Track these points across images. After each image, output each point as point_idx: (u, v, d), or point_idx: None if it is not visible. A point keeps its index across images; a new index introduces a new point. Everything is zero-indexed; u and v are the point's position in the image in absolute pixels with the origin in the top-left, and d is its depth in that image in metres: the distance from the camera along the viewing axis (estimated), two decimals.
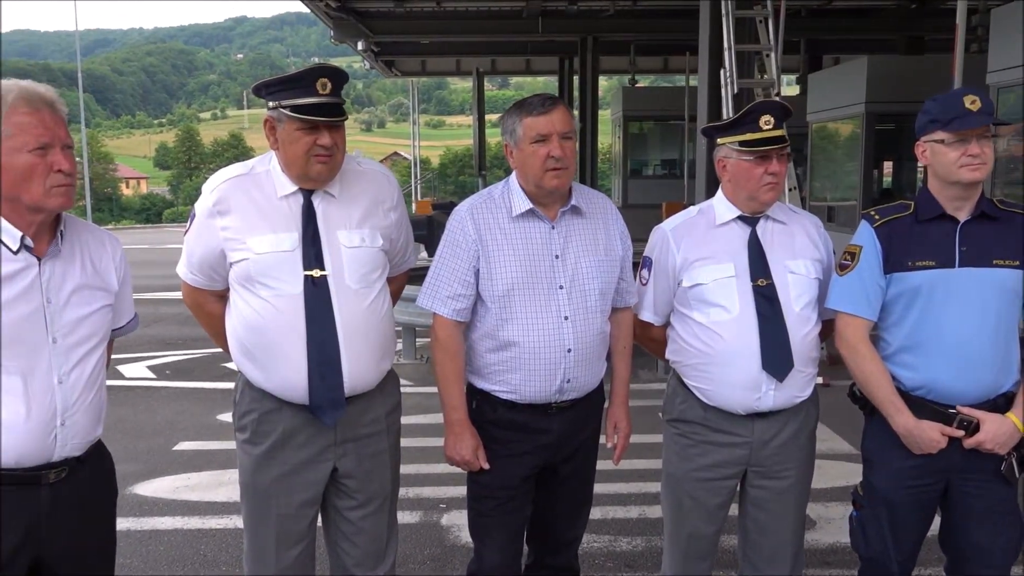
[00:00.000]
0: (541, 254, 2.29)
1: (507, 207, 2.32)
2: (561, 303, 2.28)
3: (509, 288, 2.26)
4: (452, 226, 2.34)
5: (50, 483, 1.83)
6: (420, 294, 2.35)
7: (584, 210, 2.35)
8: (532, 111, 2.23)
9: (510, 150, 2.31)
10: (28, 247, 1.79)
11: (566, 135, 2.24)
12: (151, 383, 6.80)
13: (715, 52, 6.92)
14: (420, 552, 3.61)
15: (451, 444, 2.33)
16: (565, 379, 2.30)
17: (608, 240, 2.38)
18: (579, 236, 2.33)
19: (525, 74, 22.68)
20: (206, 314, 2.28)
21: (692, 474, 2.42)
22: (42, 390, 1.79)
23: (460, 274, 2.29)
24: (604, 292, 2.35)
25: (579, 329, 2.29)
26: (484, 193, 2.38)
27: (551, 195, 2.29)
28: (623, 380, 2.52)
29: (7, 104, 1.71)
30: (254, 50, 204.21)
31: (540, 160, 2.22)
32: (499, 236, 2.29)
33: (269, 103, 2.09)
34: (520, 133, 2.25)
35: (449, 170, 54.31)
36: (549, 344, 2.27)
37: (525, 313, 2.27)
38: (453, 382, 2.32)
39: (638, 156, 18.13)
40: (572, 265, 2.30)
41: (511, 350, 2.28)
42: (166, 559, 3.58)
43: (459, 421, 2.32)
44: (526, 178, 2.29)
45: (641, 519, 3.92)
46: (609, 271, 2.36)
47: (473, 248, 2.28)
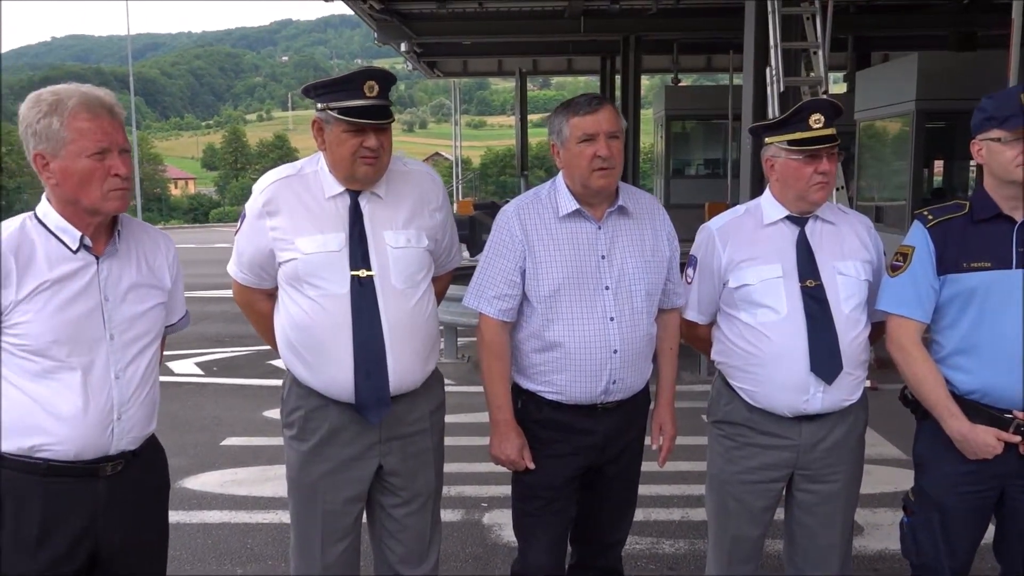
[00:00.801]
0: (587, 254, 2.29)
1: (554, 207, 2.32)
2: (607, 304, 2.28)
3: (555, 289, 2.27)
4: (499, 226, 2.35)
5: (107, 476, 1.88)
6: (466, 294, 2.36)
7: (631, 210, 2.35)
8: (579, 111, 2.23)
9: (556, 150, 2.31)
10: (87, 246, 1.85)
11: (613, 134, 2.23)
12: (199, 379, 6.94)
13: (761, 50, 6.84)
14: (462, 551, 3.63)
15: (496, 444, 2.34)
16: (611, 380, 2.29)
17: (655, 241, 2.37)
18: (625, 236, 2.33)
19: (567, 74, 22.66)
20: (255, 312, 2.32)
21: (737, 476, 2.39)
22: (100, 385, 1.84)
23: (506, 274, 2.30)
24: (650, 293, 2.34)
25: (625, 330, 2.29)
26: (531, 193, 2.39)
27: (598, 195, 2.29)
28: (669, 382, 2.50)
29: (68, 109, 1.76)
30: (298, 52, 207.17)
31: (587, 160, 2.22)
32: (545, 236, 2.29)
33: (317, 105, 2.12)
34: (567, 133, 2.25)
35: (490, 170, 54.40)
36: (595, 345, 2.27)
37: (571, 314, 2.27)
38: (499, 382, 2.33)
39: (681, 156, 17.97)
40: (618, 266, 2.30)
41: (557, 350, 2.29)
42: (214, 552, 3.65)
43: (505, 421, 2.32)
44: (573, 178, 2.29)
45: (684, 521, 3.89)
46: (656, 272, 2.35)
47: (520, 248, 2.29)
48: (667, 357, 2.49)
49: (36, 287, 1.78)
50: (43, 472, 1.81)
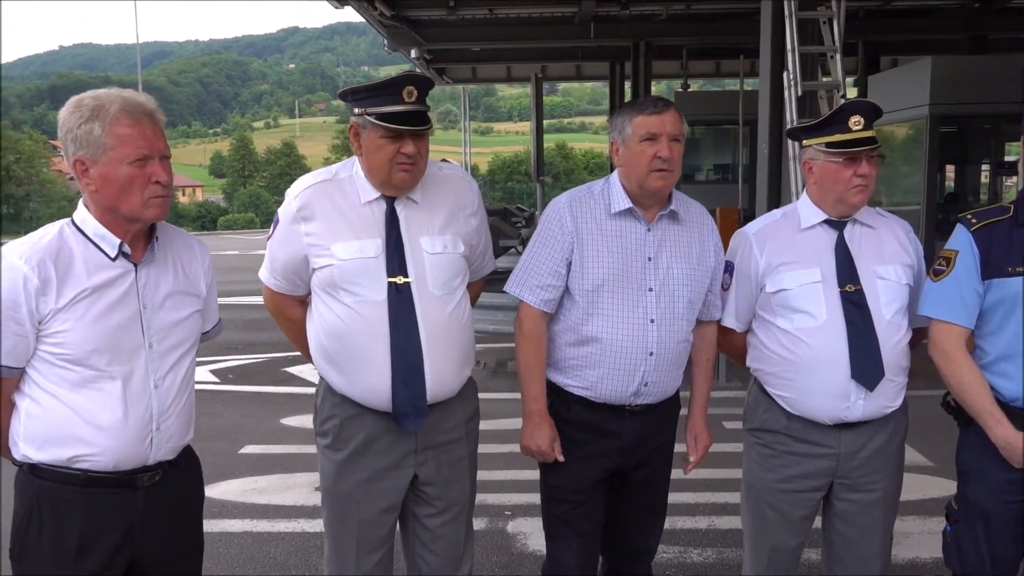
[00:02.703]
0: (634, 254, 2.27)
1: (606, 204, 2.31)
2: (649, 305, 2.26)
3: (599, 283, 2.25)
4: (549, 217, 2.33)
5: (144, 486, 1.86)
6: (509, 281, 2.35)
7: (682, 216, 2.34)
8: (645, 110, 2.23)
9: (616, 148, 2.30)
10: (125, 253, 1.83)
11: (675, 137, 2.22)
12: (215, 387, 6.92)
13: (777, 54, 6.80)
14: (488, 559, 3.59)
15: (528, 434, 2.32)
16: (643, 382, 2.27)
17: (702, 250, 2.35)
18: (673, 241, 2.31)
19: (575, 80, 22.65)
20: (287, 319, 2.30)
21: (774, 485, 2.36)
22: (139, 395, 1.82)
23: (552, 265, 2.29)
24: (692, 301, 2.33)
25: (664, 333, 2.27)
26: (584, 188, 2.38)
27: (652, 196, 2.27)
28: (703, 393, 2.49)
29: (110, 115, 1.74)
30: (305, 60, 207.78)
31: (647, 159, 2.21)
32: (595, 231, 2.28)
33: (355, 110, 2.10)
34: (629, 131, 2.24)
35: (498, 176, 54.44)
36: (632, 344, 2.25)
37: (612, 310, 2.25)
38: (535, 372, 2.31)
39: (690, 161, 17.91)
40: (664, 269, 2.28)
41: (592, 346, 2.27)
42: (238, 561, 3.63)
43: (538, 412, 2.31)
44: (629, 177, 2.27)
45: (711, 530, 3.85)
46: (699, 280, 2.33)
47: (569, 240, 2.28)
48: (702, 368, 2.48)
49: (76, 295, 1.76)
50: (82, 483, 1.79)
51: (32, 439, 1.80)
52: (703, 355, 2.46)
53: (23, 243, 1.78)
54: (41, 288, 1.73)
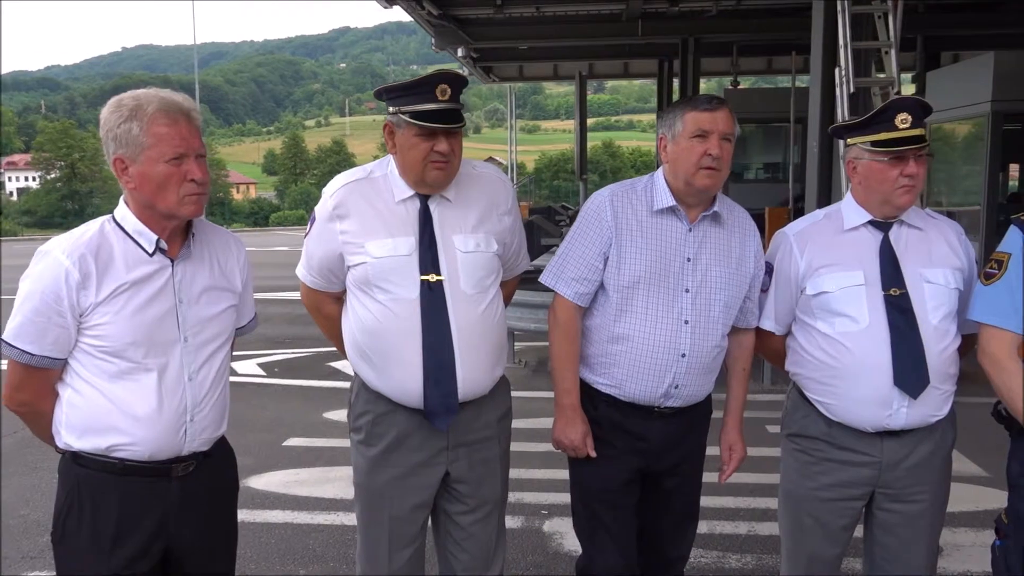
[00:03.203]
0: (673, 253, 2.24)
1: (648, 200, 2.27)
2: (684, 306, 2.23)
3: (635, 280, 2.22)
4: (590, 210, 2.31)
5: (179, 476, 1.90)
6: (545, 272, 2.33)
7: (725, 219, 2.29)
8: (698, 106, 2.19)
9: (664, 144, 2.26)
10: (163, 249, 1.87)
11: (727, 136, 2.18)
12: (262, 380, 7.05)
13: (829, 50, 6.64)
14: (523, 558, 3.59)
15: (560, 428, 2.30)
16: (673, 384, 2.23)
17: (742, 254, 2.30)
18: (714, 243, 2.27)
19: (623, 77, 22.45)
20: (323, 316, 2.32)
21: (813, 493, 2.30)
22: (174, 387, 1.86)
23: (589, 258, 2.26)
24: (728, 305, 2.28)
25: (697, 336, 2.23)
26: (627, 183, 2.35)
27: (699, 195, 2.23)
28: (739, 401, 2.44)
29: (148, 115, 1.78)
30: (356, 59, 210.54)
31: (696, 156, 2.17)
32: (635, 227, 2.25)
33: (389, 108, 2.11)
34: (680, 127, 2.20)
35: (544, 174, 54.43)
36: (664, 345, 2.22)
37: (645, 309, 2.22)
38: (568, 365, 2.29)
39: (739, 160, 17.64)
40: (702, 271, 2.24)
41: (623, 343, 2.24)
42: (277, 552, 3.69)
43: (571, 405, 2.28)
44: (676, 174, 2.23)
45: (751, 536, 3.78)
46: (738, 285, 2.29)
47: (608, 234, 2.25)
48: (738, 377, 2.43)
49: (115, 289, 1.80)
50: (119, 471, 1.84)
51: (73, 428, 1.85)
52: (739, 363, 2.41)
53: (66, 239, 1.83)
54: (82, 282, 1.78)
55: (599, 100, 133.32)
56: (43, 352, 1.80)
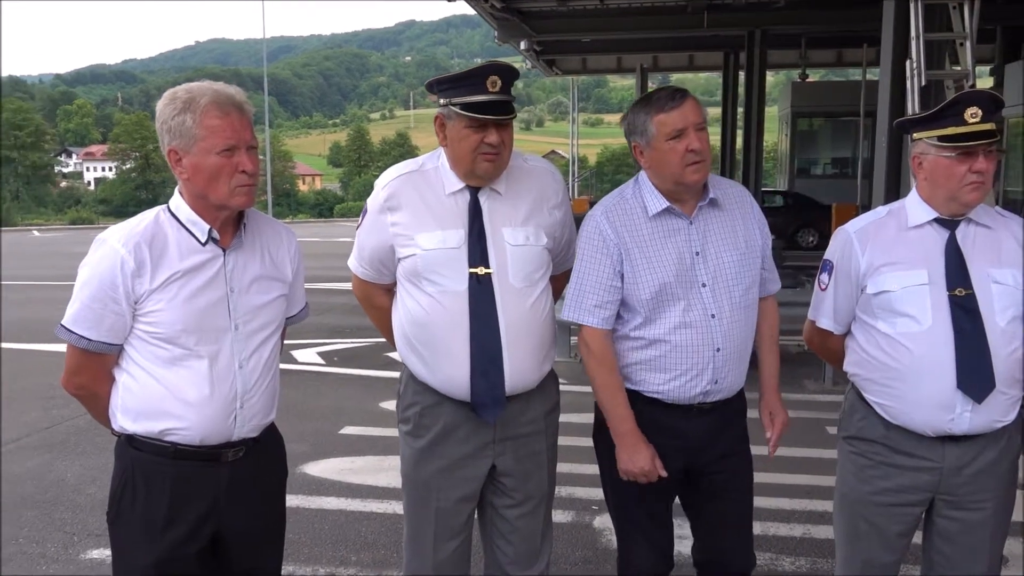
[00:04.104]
0: (682, 252, 2.19)
1: (642, 207, 2.22)
2: (706, 301, 2.18)
3: (657, 290, 2.17)
4: (589, 232, 2.23)
5: (229, 461, 1.94)
6: (564, 307, 2.26)
7: (722, 202, 2.24)
8: (663, 106, 2.13)
9: (640, 150, 2.20)
10: (215, 239, 1.91)
11: (700, 126, 2.13)
12: (320, 368, 7.19)
13: (900, 41, 6.40)
14: (572, 553, 3.58)
15: (627, 458, 2.21)
16: (713, 379, 2.19)
17: (747, 231, 2.25)
18: (718, 230, 2.22)
19: (687, 70, 22.12)
20: (374, 307, 2.34)
21: (870, 497, 2.23)
22: (224, 374, 1.90)
23: (605, 280, 2.20)
24: (749, 287, 2.23)
25: (726, 327, 2.18)
26: (615, 194, 2.29)
27: (690, 190, 2.19)
28: (772, 368, 2.37)
29: (200, 107, 1.81)
30: (421, 52, 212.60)
31: (679, 156, 2.12)
32: (639, 238, 2.20)
33: (440, 100, 2.11)
34: (653, 131, 2.14)
35: (606, 168, 54.07)
36: (697, 344, 2.18)
37: (672, 313, 2.18)
38: (615, 393, 2.23)
39: (807, 155, 17.28)
40: (714, 262, 2.20)
41: (657, 348, 2.20)
42: (330, 538, 3.75)
43: (630, 432, 2.21)
44: (662, 177, 2.18)
45: (806, 538, 3.69)
46: (751, 264, 2.24)
47: (615, 251, 2.19)
48: (767, 344, 2.36)
49: (168, 277, 1.85)
50: (171, 455, 1.89)
51: (128, 411, 1.91)
52: (766, 334, 2.35)
53: (122, 228, 1.89)
54: (136, 270, 1.83)
55: None
56: (100, 338, 1.86)
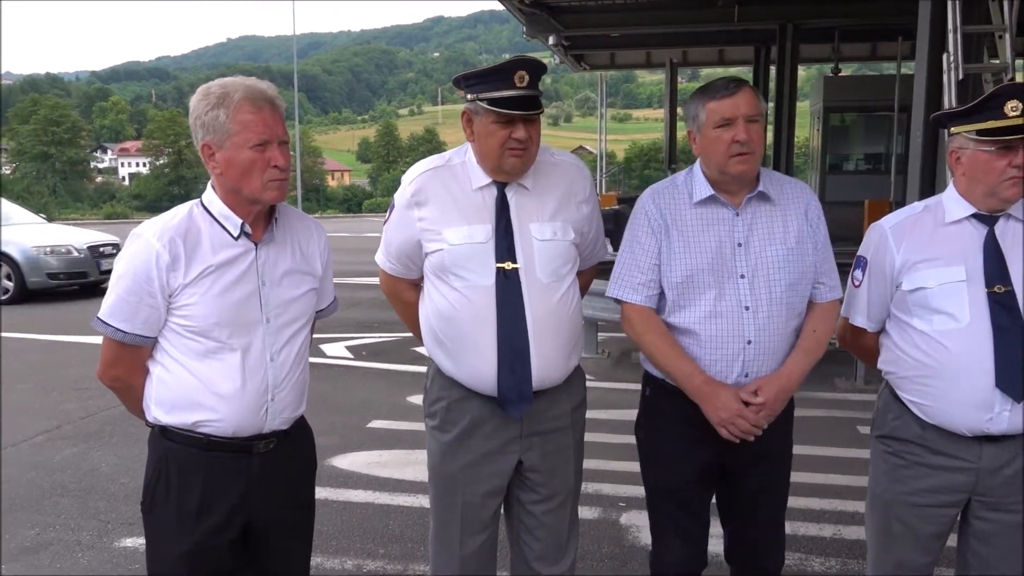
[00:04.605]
0: (722, 241, 2.17)
1: (689, 193, 2.23)
2: (742, 292, 2.15)
3: (687, 276, 2.17)
4: (636, 212, 2.28)
5: (260, 453, 1.96)
6: (610, 285, 2.28)
7: (773, 197, 2.21)
8: (716, 94, 2.13)
9: (693, 137, 2.21)
10: (247, 233, 1.92)
11: (752, 118, 2.11)
12: (349, 362, 7.23)
13: (937, 34, 6.28)
14: (598, 550, 3.57)
15: (713, 409, 2.12)
16: (743, 372, 2.16)
17: (801, 229, 2.20)
18: (765, 224, 2.19)
19: (717, 65, 21.87)
20: (401, 302, 2.35)
21: (904, 498, 2.19)
22: (256, 366, 1.92)
23: (650, 259, 2.22)
24: (793, 284, 2.18)
25: (761, 320, 2.15)
26: (667, 180, 2.31)
27: (736, 181, 2.17)
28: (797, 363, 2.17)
29: (234, 103, 1.83)
30: (449, 48, 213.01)
31: (724, 145, 2.11)
32: (680, 222, 2.20)
33: (467, 95, 2.11)
34: (703, 118, 2.15)
35: (634, 164, 53.85)
36: (727, 335, 2.15)
37: (702, 302, 2.16)
38: (673, 353, 2.18)
39: (839, 150, 17.01)
40: (755, 254, 2.17)
41: (686, 337, 2.19)
42: (358, 531, 3.78)
43: (703, 383, 2.15)
44: (709, 165, 2.18)
45: (836, 539, 3.65)
46: (799, 261, 2.19)
47: (660, 231, 2.21)
48: (802, 342, 2.20)
49: (202, 271, 1.87)
50: (204, 446, 1.91)
51: (162, 403, 1.93)
52: (807, 331, 2.22)
53: (157, 222, 1.91)
54: (171, 264, 1.85)
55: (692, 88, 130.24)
56: (135, 330, 1.89)
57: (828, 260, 2.25)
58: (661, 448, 2.30)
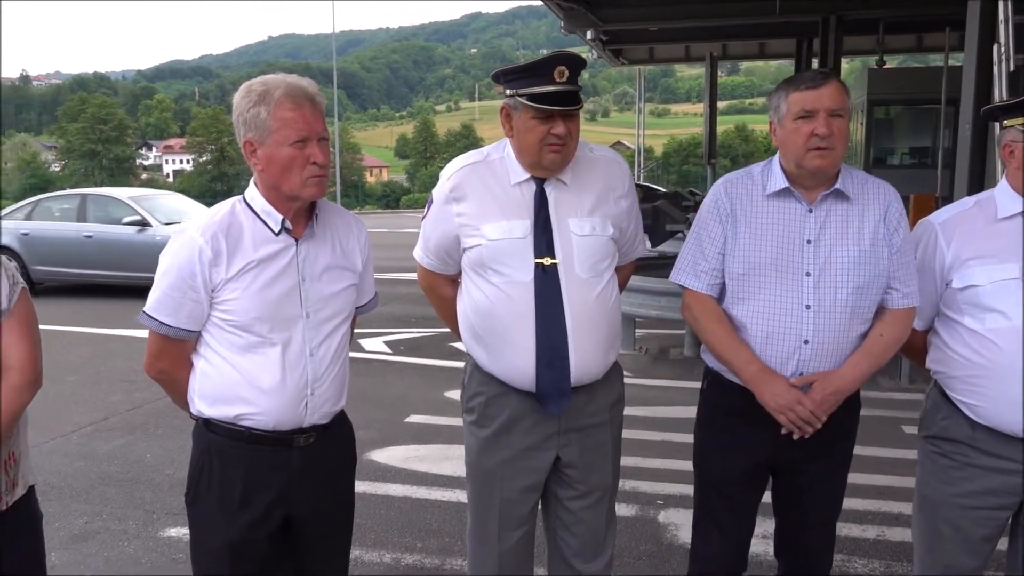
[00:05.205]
0: (791, 237, 2.13)
1: (763, 185, 2.19)
2: (805, 290, 2.11)
3: (749, 268, 2.14)
4: (707, 201, 2.26)
5: (300, 447, 1.98)
6: (674, 270, 2.28)
7: (852, 196, 2.14)
8: (800, 85, 2.08)
9: (774, 127, 2.17)
10: (288, 229, 1.94)
11: (836, 112, 2.05)
12: (387, 357, 7.28)
13: (987, 25, 6.12)
14: (636, 547, 3.54)
15: (771, 396, 2.09)
16: (797, 372, 2.12)
17: (877, 230, 2.13)
18: (839, 223, 2.13)
19: (758, 58, 21.58)
20: (439, 297, 2.35)
21: (954, 500, 2.14)
22: (296, 361, 1.94)
23: (718, 247, 2.20)
24: (862, 287, 2.11)
25: (821, 321, 2.10)
26: (744, 170, 2.28)
27: (813, 176, 2.11)
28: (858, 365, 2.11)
29: (274, 100, 1.84)
30: (487, 44, 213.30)
31: (803, 138, 2.06)
32: (749, 213, 2.17)
33: (507, 91, 2.10)
34: (784, 109, 2.10)
35: (672, 159, 53.38)
36: (784, 331, 2.11)
37: (761, 296, 2.13)
38: (732, 342, 2.16)
39: (883, 144, 16.67)
40: (825, 253, 2.11)
41: (740, 332, 2.16)
42: (396, 524, 3.81)
43: (762, 369, 2.12)
44: (787, 157, 2.13)
45: (880, 541, 3.58)
46: (872, 264, 2.11)
47: (728, 220, 2.19)
48: (866, 344, 2.13)
49: (243, 266, 1.89)
50: (246, 440, 1.94)
51: (205, 396, 1.96)
52: (873, 334, 2.14)
53: (201, 218, 1.93)
54: (214, 259, 1.87)
55: (733, 82, 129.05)
56: (179, 324, 1.92)
57: (906, 266, 2.15)
58: (712, 441, 2.28)
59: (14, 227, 10.84)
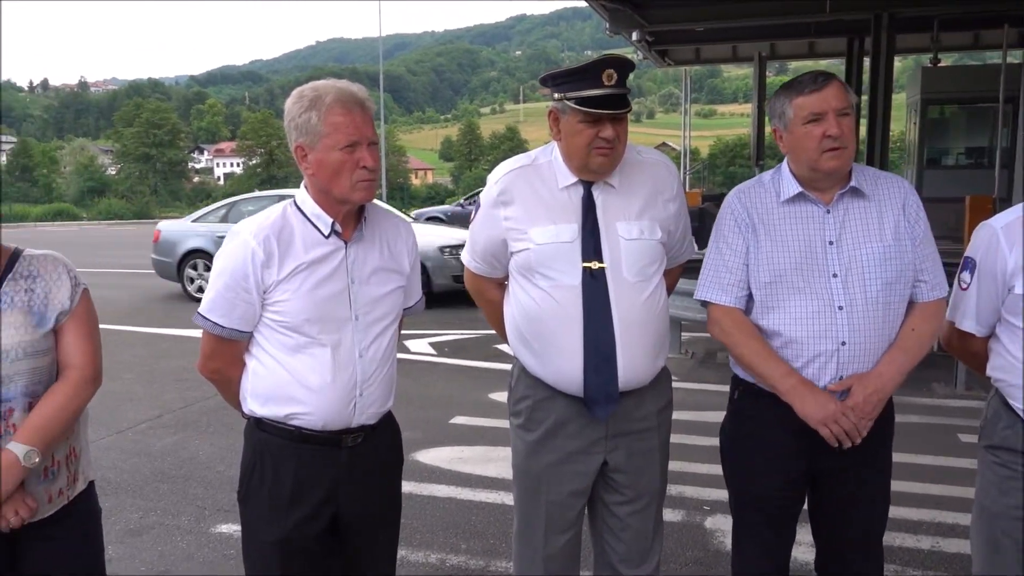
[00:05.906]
0: (812, 240, 2.10)
1: (776, 191, 2.17)
2: (835, 292, 2.08)
3: (776, 276, 2.11)
4: (723, 212, 2.24)
5: (348, 447, 2.01)
6: (698, 287, 2.25)
7: (867, 192, 2.12)
8: (803, 89, 2.07)
9: (779, 135, 2.15)
10: (337, 232, 1.97)
11: (843, 111, 2.04)
12: (432, 359, 7.34)
13: None
14: (683, 553, 3.51)
15: (813, 408, 2.06)
16: (837, 376, 2.09)
17: (898, 224, 2.11)
18: (859, 221, 2.11)
19: (807, 58, 21.18)
20: (486, 300, 2.36)
21: (1014, 512, 2.06)
22: (345, 362, 1.96)
23: (740, 258, 2.18)
24: (891, 282, 2.09)
25: (856, 321, 2.07)
26: (754, 179, 2.27)
27: (828, 178, 2.10)
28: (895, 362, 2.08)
29: (325, 105, 1.88)
30: (531, 46, 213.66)
31: (815, 141, 2.04)
32: (768, 221, 2.15)
33: (554, 94, 2.09)
34: (791, 115, 2.09)
35: (719, 160, 52.76)
36: (819, 335, 2.08)
37: (792, 302, 2.10)
38: (767, 355, 2.13)
39: (937, 144, 16.26)
40: (849, 252, 2.09)
41: (775, 341, 2.12)
42: (441, 525, 3.83)
43: (799, 382, 2.09)
44: (799, 162, 2.11)
45: (934, 551, 3.48)
46: (897, 258, 2.09)
47: (748, 231, 2.17)
48: (901, 340, 2.11)
49: (294, 268, 1.92)
50: (296, 438, 1.97)
51: (257, 395, 2.00)
52: (905, 329, 2.12)
53: (254, 221, 1.97)
54: (266, 261, 1.91)
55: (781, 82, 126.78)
56: (232, 325, 1.96)
57: (930, 257, 2.15)
58: (748, 455, 2.24)
59: (208, 230, 10.81)
